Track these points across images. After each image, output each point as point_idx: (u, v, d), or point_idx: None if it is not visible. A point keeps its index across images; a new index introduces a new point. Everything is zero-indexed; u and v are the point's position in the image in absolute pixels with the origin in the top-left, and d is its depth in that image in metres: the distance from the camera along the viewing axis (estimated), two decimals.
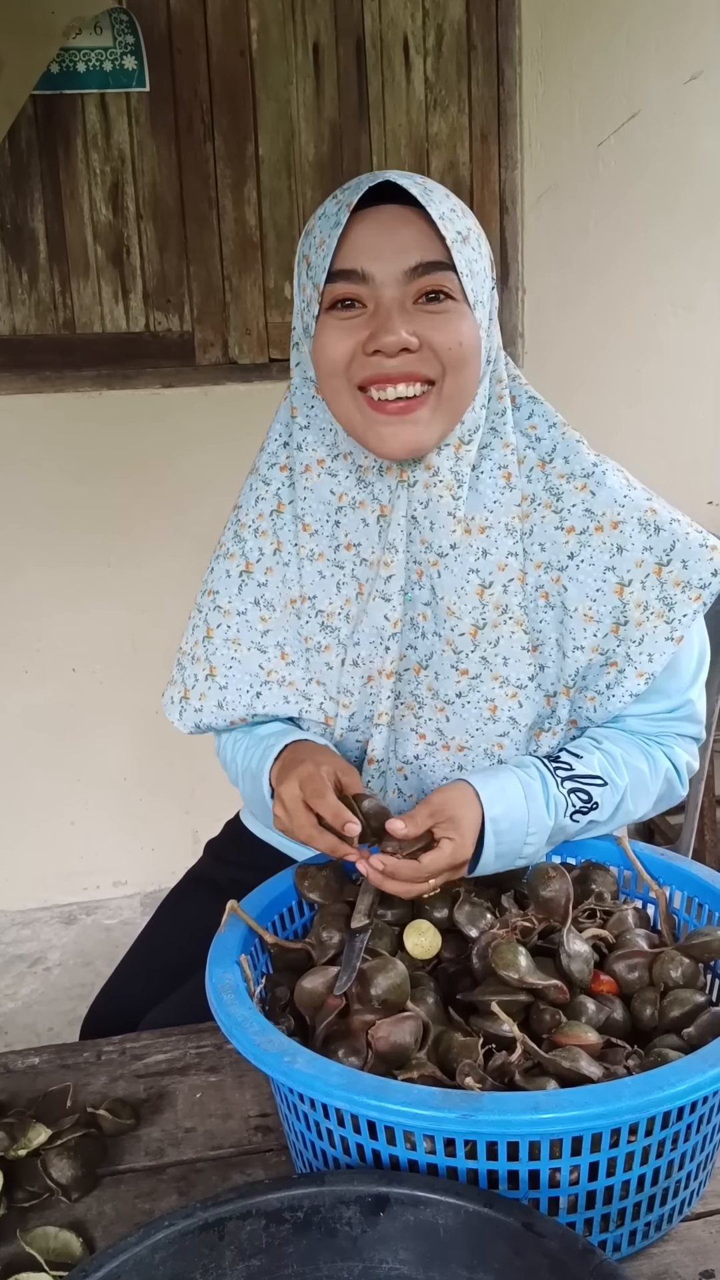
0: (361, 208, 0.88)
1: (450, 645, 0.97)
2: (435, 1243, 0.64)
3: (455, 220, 0.89)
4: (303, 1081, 0.67)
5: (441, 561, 0.95)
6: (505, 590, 0.96)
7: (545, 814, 0.90)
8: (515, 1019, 0.74)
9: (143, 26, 2.07)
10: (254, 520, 1.03)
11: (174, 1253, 0.63)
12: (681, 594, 0.95)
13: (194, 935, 0.89)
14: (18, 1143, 0.81)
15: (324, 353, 0.90)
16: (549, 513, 0.96)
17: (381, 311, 0.88)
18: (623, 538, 0.95)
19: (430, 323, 0.88)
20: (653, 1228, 0.71)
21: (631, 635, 0.96)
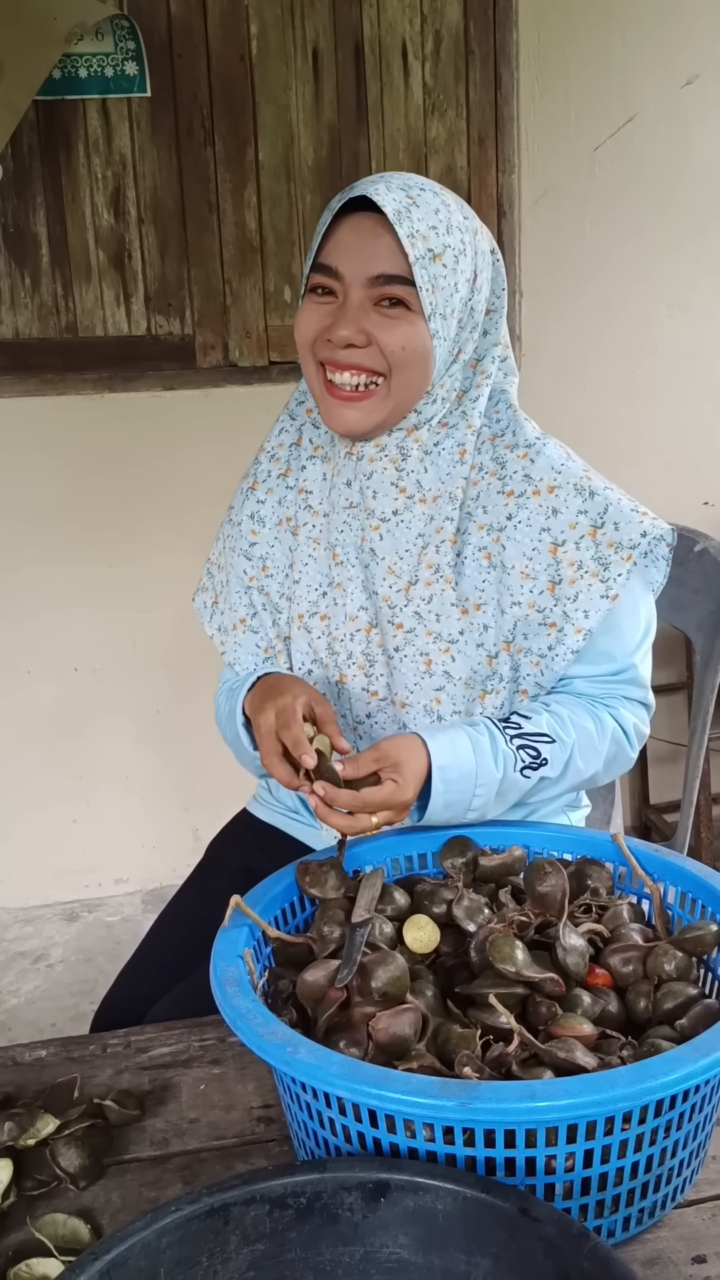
0: (357, 209, 0.99)
1: (386, 601, 1.07)
2: (434, 1228, 0.65)
3: (432, 238, 0.97)
4: (305, 1071, 0.68)
5: (384, 526, 1.07)
6: (438, 551, 1.06)
7: (493, 767, 0.98)
8: (512, 1011, 0.76)
9: (143, 32, 2.08)
10: (273, 448, 1.15)
11: (180, 1237, 0.64)
12: (614, 554, 1.03)
13: (200, 928, 0.91)
14: (26, 1133, 0.82)
15: (299, 327, 1.04)
16: (493, 479, 1.06)
17: (345, 307, 1.00)
18: (558, 501, 1.04)
19: (382, 325, 1.00)
20: (646, 1214, 0.73)
21: (567, 593, 1.04)
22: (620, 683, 1.09)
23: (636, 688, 1.10)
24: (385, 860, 0.97)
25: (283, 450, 1.14)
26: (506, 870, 0.93)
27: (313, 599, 1.11)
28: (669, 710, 2.52)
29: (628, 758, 1.11)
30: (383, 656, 1.08)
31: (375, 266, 0.98)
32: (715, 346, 2.38)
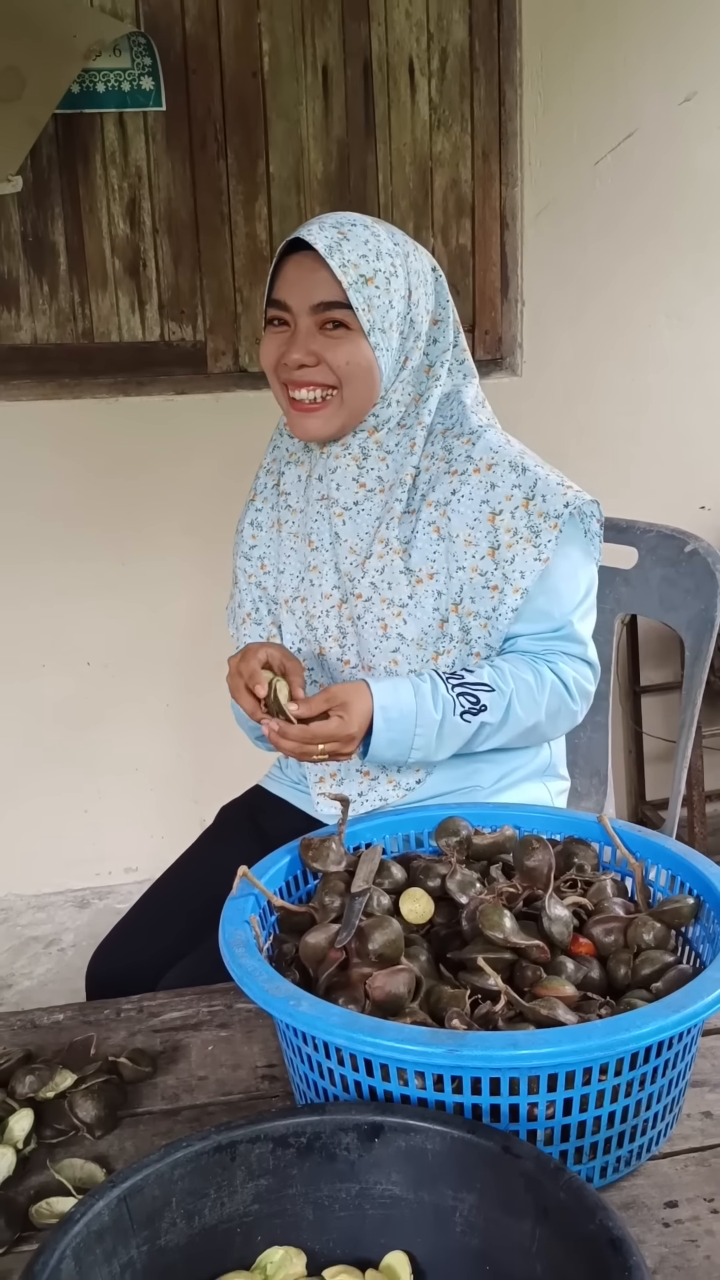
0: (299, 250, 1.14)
1: (348, 575, 1.22)
2: (424, 1166, 0.70)
3: (362, 265, 1.13)
4: (306, 1022, 0.74)
5: (346, 514, 1.22)
6: (387, 527, 1.19)
7: (433, 710, 1.11)
8: (500, 975, 0.81)
9: (159, 49, 2.14)
10: (269, 462, 1.31)
11: (191, 1170, 0.69)
12: (544, 523, 1.16)
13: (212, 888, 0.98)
14: (46, 1086, 0.88)
15: (262, 356, 1.20)
16: (441, 463, 1.20)
17: (295, 334, 1.16)
18: (495, 476, 1.17)
19: (328, 345, 1.15)
20: (623, 1162, 0.78)
21: (504, 557, 1.16)
22: (559, 639, 1.20)
23: (575, 644, 1.21)
24: (384, 839, 1.03)
25: (275, 464, 1.30)
26: (498, 848, 0.99)
27: (294, 584, 1.25)
28: (665, 708, 2.57)
29: (571, 711, 1.21)
30: (352, 628, 1.22)
31: (315, 295, 1.13)
32: (714, 357, 2.43)
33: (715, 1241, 0.73)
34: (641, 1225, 0.75)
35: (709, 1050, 0.90)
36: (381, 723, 1.10)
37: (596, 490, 1.22)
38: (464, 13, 2.21)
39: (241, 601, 1.31)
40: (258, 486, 1.30)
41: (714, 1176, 0.78)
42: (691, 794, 2.23)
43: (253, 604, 1.30)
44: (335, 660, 1.24)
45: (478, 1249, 0.68)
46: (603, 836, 1.01)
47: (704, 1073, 0.88)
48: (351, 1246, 0.71)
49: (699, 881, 0.90)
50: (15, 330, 2.24)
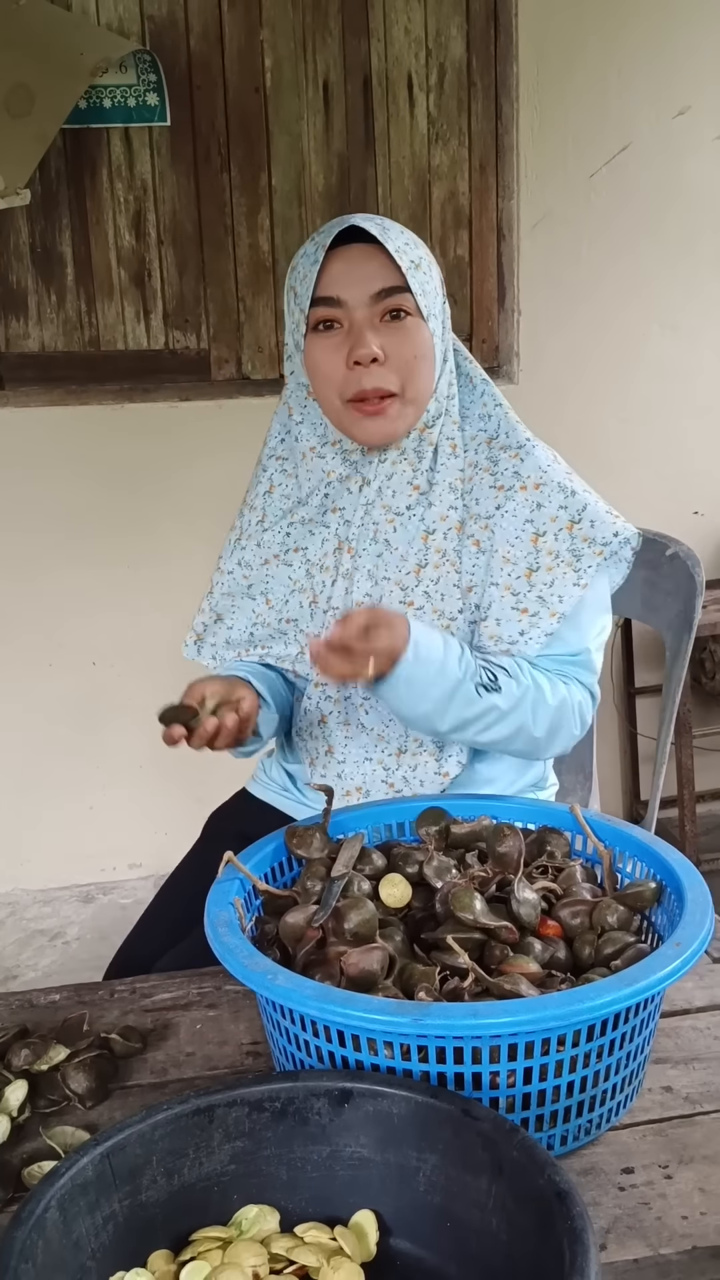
0: (334, 247, 1.10)
1: (398, 584, 1.18)
2: (390, 1129, 0.74)
3: (409, 251, 1.11)
4: (282, 994, 0.78)
5: (398, 519, 1.18)
6: (445, 537, 1.17)
7: (456, 666, 1.08)
8: (470, 954, 0.86)
9: (164, 66, 2.19)
10: (252, 500, 1.28)
11: (171, 1131, 0.73)
12: (588, 548, 1.14)
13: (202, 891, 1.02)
14: (40, 1059, 0.92)
15: (317, 368, 1.13)
16: (486, 475, 1.17)
17: (355, 329, 1.10)
18: (542, 496, 1.15)
19: (394, 337, 1.10)
20: (583, 1131, 0.82)
21: (543, 579, 1.14)
22: (574, 665, 1.18)
23: (587, 673, 1.19)
24: (366, 828, 1.07)
25: (258, 500, 1.27)
26: (475, 837, 1.03)
27: (327, 593, 1.22)
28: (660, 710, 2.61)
29: (571, 734, 1.19)
30: None
31: (374, 284, 1.09)
32: (704, 364, 2.46)
33: (666, 1204, 0.77)
34: (598, 1189, 0.79)
35: (672, 1029, 0.94)
36: (411, 655, 1.05)
37: None
38: (461, 29, 2.26)
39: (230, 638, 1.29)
40: (243, 525, 1.28)
41: (670, 1146, 0.82)
42: (682, 794, 2.27)
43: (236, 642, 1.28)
44: None
45: (439, 1205, 0.72)
46: (575, 826, 1.05)
47: (666, 1050, 0.92)
48: (322, 1205, 0.75)
49: (661, 867, 0.94)
50: (24, 338, 2.29)
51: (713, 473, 2.52)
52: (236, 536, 1.29)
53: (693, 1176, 0.79)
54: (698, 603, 1.41)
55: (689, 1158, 0.81)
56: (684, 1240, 0.74)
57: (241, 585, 1.28)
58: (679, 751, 2.25)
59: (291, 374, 1.20)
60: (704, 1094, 0.87)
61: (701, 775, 2.38)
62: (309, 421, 1.20)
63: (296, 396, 1.20)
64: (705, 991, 0.98)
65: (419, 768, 1.21)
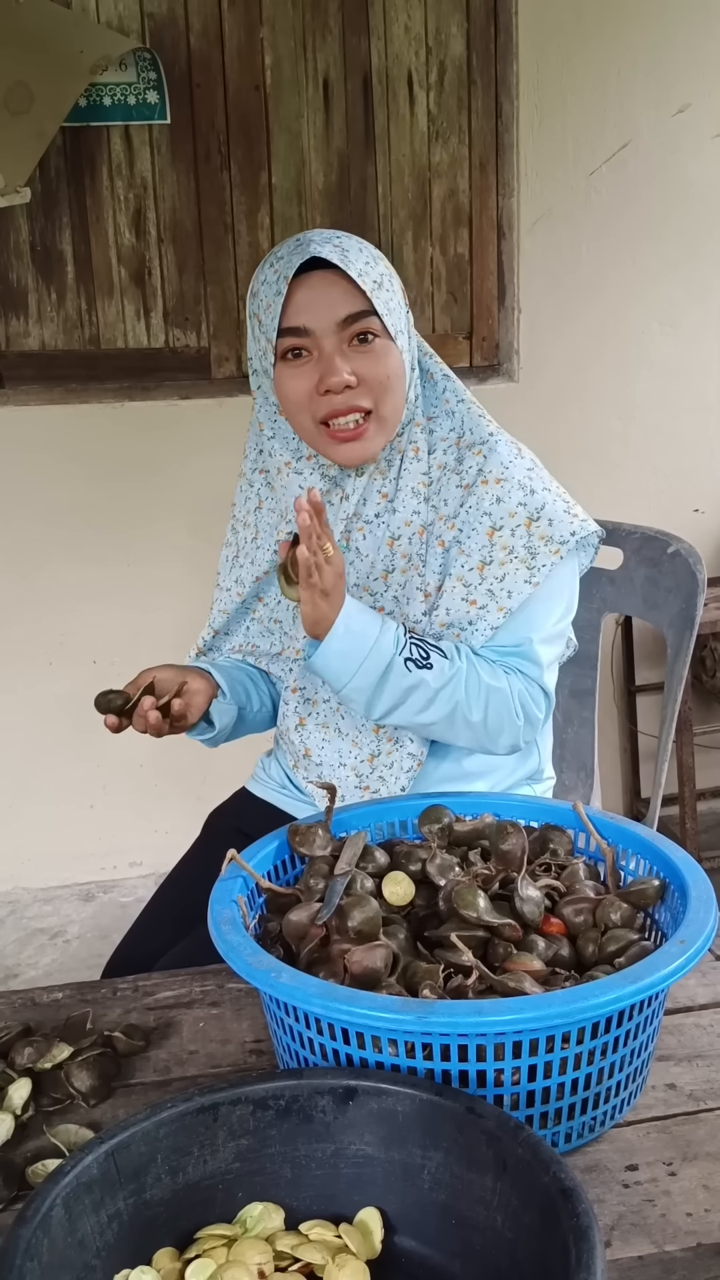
0: (296, 274, 1.09)
1: (367, 590, 1.20)
2: (394, 1126, 0.74)
3: (370, 271, 1.10)
4: (286, 992, 0.78)
5: (367, 527, 1.19)
6: (409, 542, 1.18)
7: (390, 645, 1.10)
8: (473, 952, 0.86)
9: (164, 64, 2.19)
10: (243, 515, 1.29)
11: (175, 1129, 0.73)
12: (544, 546, 1.14)
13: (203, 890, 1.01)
14: (44, 1057, 0.92)
15: (286, 396, 1.13)
16: (453, 475, 1.18)
17: (324, 358, 1.10)
18: (503, 491, 1.15)
19: (364, 361, 1.10)
20: (586, 1128, 0.82)
21: (495, 574, 1.14)
22: (515, 655, 1.18)
23: (531, 664, 1.18)
24: (369, 826, 1.07)
25: (250, 516, 1.27)
26: (477, 835, 1.03)
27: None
28: (660, 707, 2.61)
29: (515, 727, 1.16)
30: None
31: (339, 310, 1.09)
32: (705, 363, 2.46)
33: (670, 1201, 0.77)
34: (602, 1186, 0.79)
35: (675, 1027, 0.94)
36: (341, 627, 1.08)
37: (591, 494, 1.26)
38: (461, 27, 2.26)
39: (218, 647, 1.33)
40: (238, 541, 1.29)
41: (674, 1143, 0.82)
42: (683, 791, 2.27)
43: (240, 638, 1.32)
44: None
45: (444, 1203, 0.72)
46: (578, 823, 1.05)
47: (670, 1048, 0.92)
48: (327, 1203, 0.75)
49: (665, 865, 0.94)
50: (24, 337, 2.29)
51: (713, 470, 2.53)
52: (234, 554, 1.30)
53: (697, 1173, 0.79)
54: (699, 600, 1.42)
55: (693, 1155, 0.81)
56: (689, 1237, 0.74)
57: (234, 604, 1.30)
58: (680, 749, 2.25)
59: (259, 389, 1.20)
60: (708, 1091, 0.87)
61: (702, 773, 2.38)
62: (280, 437, 1.20)
63: (266, 413, 1.20)
64: (709, 989, 0.99)
65: (393, 766, 1.22)
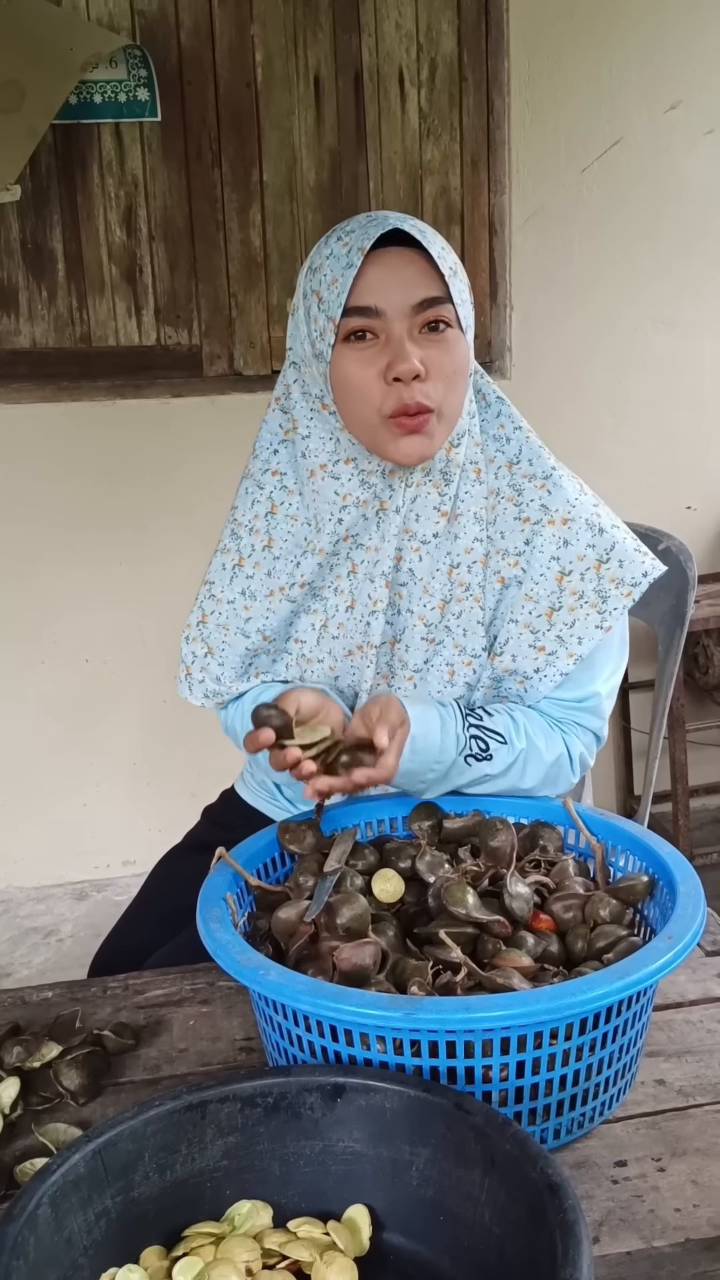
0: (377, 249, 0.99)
1: (422, 620, 1.11)
2: (383, 1123, 0.74)
3: (447, 257, 1.02)
4: (274, 989, 0.78)
5: (424, 548, 1.10)
6: (470, 571, 1.10)
7: (452, 748, 1.04)
8: (462, 949, 0.86)
9: (155, 61, 2.19)
10: (249, 520, 1.15)
11: (163, 1127, 0.73)
12: (615, 589, 1.09)
13: (190, 891, 1.01)
14: (33, 1056, 0.92)
15: (349, 382, 1.02)
16: (510, 505, 1.10)
17: (394, 342, 1.00)
18: (570, 533, 1.09)
19: (433, 350, 1.01)
20: (576, 1124, 0.82)
21: (564, 619, 1.09)
22: (581, 710, 1.14)
23: (594, 718, 1.14)
24: (359, 823, 1.07)
25: (259, 521, 1.14)
26: (468, 832, 1.03)
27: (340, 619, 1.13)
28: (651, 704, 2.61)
29: (569, 781, 1.14)
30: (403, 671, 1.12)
31: (416, 293, 0.99)
32: (697, 360, 2.47)
33: (659, 1196, 0.77)
34: (591, 1182, 0.79)
35: (665, 1023, 0.94)
36: (408, 752, 1.01)
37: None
38: (453, 24, 2.26)
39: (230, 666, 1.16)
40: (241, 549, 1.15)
41: (663, 1139, 0.82)
42: (676, 788, 2.27)
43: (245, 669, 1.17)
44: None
45: (432, 1199, 0.72)
46: (567, 820, 1.05)
47: (659, 1044, 0.92)
48: (315, 1200, 0.75)
49: (654, 861, 0.94)
50: (15, 335, 2.29)
51: (705, 467, 2.53)
52: (235, 562, 1.15)
53: (685, 1169, 0.79)
54: (689, 598, 1.42)
55: (681, 1150, 0.81)
56: (677, 1233, 0.74)
57: (240, 618, 1.15)
58: (672, 746, 2.25)
59: (296, 382, 1.10)
60: (696, 1087, 0.87)
61: (694, 770, 2.39)
62: (318, 436, 1.09)
63: (302, 408, 1.09)
64: (698, 984, 0.99)
65: None
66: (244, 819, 1.28)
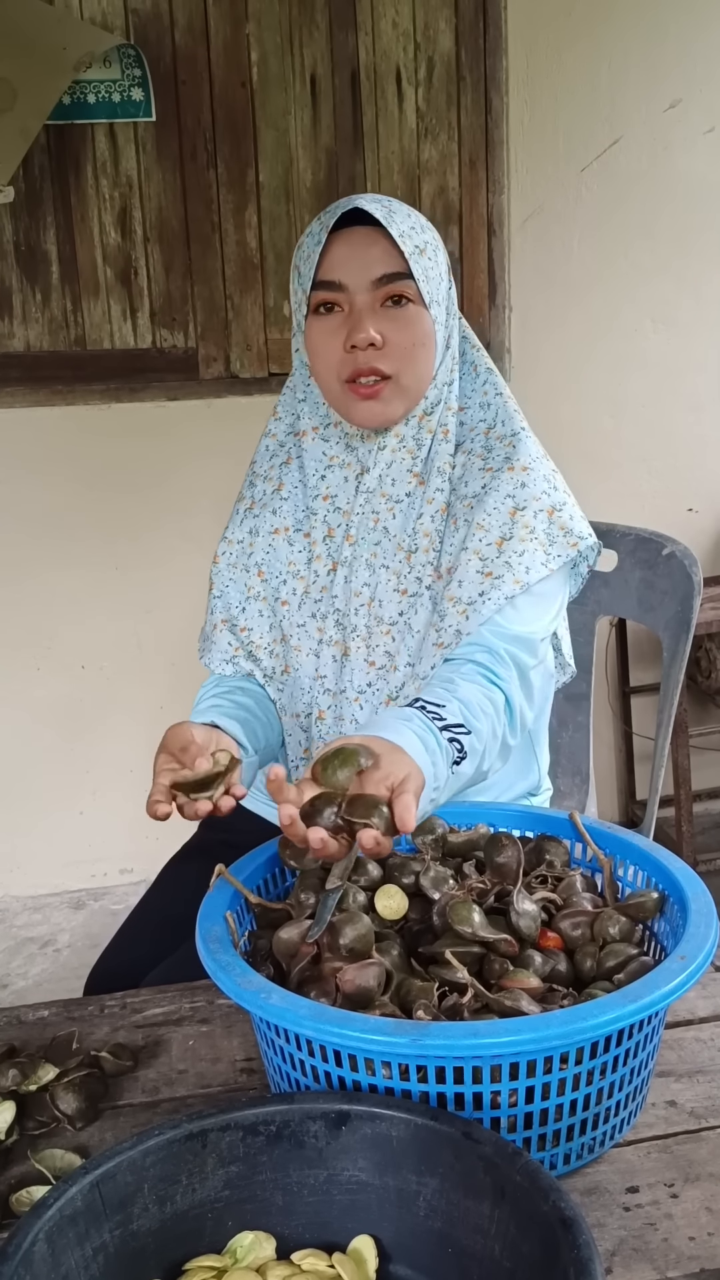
0: (339, 228, 1.09)
1: (395, 572, 1.18)
2: (389, 1152, 0.72)
3: (414, 236, 1.09)
4: (276, 1014, 0.76)
5: (396, 507, 1.18)
6: (431, 519, 1.17)
7: (445, 768, 0.96)
8: (469, 968, 0.84)
9: (149, 60, 2.17)
10: (265, 470, 1.25)
11: (163, 1157, 0.71)
12: (563, 536, 1.13)
13: (190, 901, 0.99)
14: (29, 1079, 0.90)
15: (316, 350, 1.13)
16: (478, 460, 1.17)
17: (354, 314, 1.09)
18: (529, 477, 1.14)
19: (393, 324, 1.10)
20: (586, 1149, 0.80)
21: (514, 548, 1.12)
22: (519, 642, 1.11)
23: (530, 654, 1.12)
24: None
25: (274, 470, 1.24)
26: (472, 846, 1.01)
27: (322, 582, 1.20)
28: (655, 709, 2.60)
29: (508, 746, 1.10)
30: (379, 627, 1.17)
31: (375, 270, 1.08)
32: (698, 360, 2.46)
33: (673, 1225, 0.75)
34: (602, 1210, 0.77)
35: (675, 1042, 0.92)
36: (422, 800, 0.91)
37: (585, 494, 1.25)
38: (450, 22, 2.24)
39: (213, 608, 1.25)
40: (254, 495, 1.25)
41: (675, 1163, 0.80)
42: (679, 793, 2.26)
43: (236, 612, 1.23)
44: (360, 660, 1.18)
45: (440, 1231, 0.70)
46: (574, 834, 1.03)
47: (670, 1063, 0.90)
48: (320, 1230, 0.73)
49: (664, 876, 0.92)
50: (9, 338, 2.27)
51: (707, 469, 2.52)
52: (247, 506, 1.25)
53: (699, 1195, 0.77)
54: (695, 603, 1.40)
55: (695, 1175, 0.79)
56: (691, 1263, 0.72)
57: (244, 555, 1.24)
58: (675, 751, 2.24)
59: (297, 351, 1.20)
60: (709, 1108, 0.85)
61: (698, 774, 2.37)
62: (311, 401, 1.19)
63: (300, 375, 1.20)
64: (709, 1001, 0.97)
65: None
66: (245, 824, 1.28)
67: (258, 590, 1.23)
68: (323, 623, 1.20)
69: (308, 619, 1.21)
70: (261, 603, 1.23)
